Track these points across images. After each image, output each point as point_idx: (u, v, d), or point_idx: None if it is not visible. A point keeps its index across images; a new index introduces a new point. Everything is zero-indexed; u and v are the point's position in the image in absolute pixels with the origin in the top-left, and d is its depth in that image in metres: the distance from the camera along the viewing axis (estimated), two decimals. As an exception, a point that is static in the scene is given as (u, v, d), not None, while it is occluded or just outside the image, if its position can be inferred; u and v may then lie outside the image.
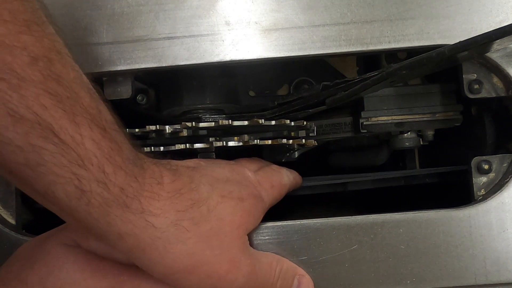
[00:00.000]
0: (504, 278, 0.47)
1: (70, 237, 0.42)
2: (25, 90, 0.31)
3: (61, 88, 0.33)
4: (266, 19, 0.49)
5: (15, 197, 0.51)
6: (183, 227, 0.38)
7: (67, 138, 0.33)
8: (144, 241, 0.37)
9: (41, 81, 0.32)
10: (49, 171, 0.33)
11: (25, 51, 0.32)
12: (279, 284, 0.44)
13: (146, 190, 0.37)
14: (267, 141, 0.50)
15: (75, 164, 0.33)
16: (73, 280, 0.40)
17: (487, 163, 0.50)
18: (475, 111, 0.56)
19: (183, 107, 0.57)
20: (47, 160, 0.32)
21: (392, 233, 0.47)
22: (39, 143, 0.32)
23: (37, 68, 0.32)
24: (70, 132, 0.33)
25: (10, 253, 0.48)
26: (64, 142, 0.33)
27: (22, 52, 0.32)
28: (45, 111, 0.32)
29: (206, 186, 0.41)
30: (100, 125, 0.35)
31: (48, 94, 0.32)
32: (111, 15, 0.49)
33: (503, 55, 0.48)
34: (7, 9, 0.31)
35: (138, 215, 0.36)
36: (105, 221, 0.35)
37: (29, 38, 0.32)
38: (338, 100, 0.50)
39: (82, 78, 0.36)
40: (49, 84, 0.33)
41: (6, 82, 0.31)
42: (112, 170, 0.35)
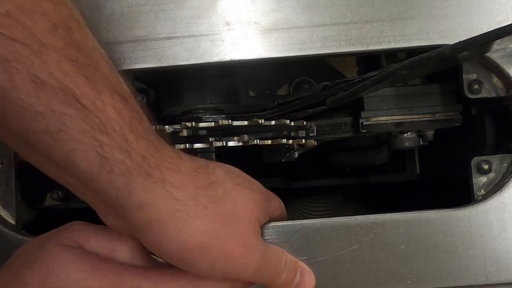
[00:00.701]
0: (504, 278, 0.47)
1: (71, 238, 0.42)
2: (46, 56, 0.31)
3: (81, 56, 0.33)
4: (266, 19, 0.49)
5: (15, 197, 0.51)
6: (202, 203, 0.37)
7: (89, 104, 0.32)
8: (163, 212, 0.36)
9: (62, 47, 0.32)
10: (70, 137, 0.32)
11: (46, 17, 0.32)
12: (284, 274, 0.44)
13: (167, 161, 0.36)
14: (267, 141, 0.50)
15: (97, 130, 0.33)
16: (73, 280, 0.40)
17: (487, 163, 0.50)
18: (475, 111, 0.56)
19: (183, 107, 0.57)
20: (69, 126, 0.32)
21: (392, 233, 0.47)
22: (61, 108, 0.32)
23: (58, 35, 0.32)
24: (92, 99, 0.32)
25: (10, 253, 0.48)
26: (86, 108, 0.32)
27: (42, 18, 0.31)
28: (67, 77, 0.32)
29: (221, 172, 0.41)
30: (120, 94, 0.35)
31: (69, 61, 0.32)
32: (111, 15, 0.49)
33: (503, 55, 0.48)
34: None
35: (160, 184, 0.35)
36: (126, 190, 0.35)
37: (48, 4, 0.32)
38: (338, 100, 0.50)
39: (100, 48, 0.36)
40: (69, 51, 0.32)
41: (28, 48, 0.31)
42: (134, 138, 0.34)
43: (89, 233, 0.43)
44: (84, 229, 0.43)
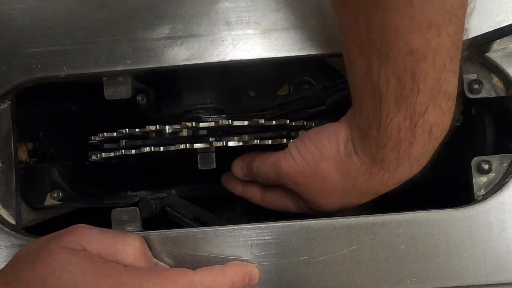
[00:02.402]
0: (504, 278, 0.47)
1: (74, 240, 0.42)
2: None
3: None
4: (266, 19, 0.49)
5: (15, 197, 0.51)
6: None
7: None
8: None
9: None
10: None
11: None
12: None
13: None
14: (267, 141, 0.50)
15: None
16: (75, 282, 0.40)
17: (487, 163, 0.50)
18: (475, 111, 0.56)
19: (183, 107, 0.57)
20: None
21: (392, 233, 0.47)
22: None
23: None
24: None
25: (10, 253, 0.48)
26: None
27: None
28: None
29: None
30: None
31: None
32: (111, 15, 0.49)
33: (503, 55, 0.48)
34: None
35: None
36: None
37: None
38: (338, 100, 0.50)
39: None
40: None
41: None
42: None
43: (92, 236, 0.43)
44: (88, 232, 0.44)
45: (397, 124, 0.39)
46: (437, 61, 0.37)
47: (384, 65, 0.37)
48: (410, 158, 0.41)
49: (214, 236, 0.47)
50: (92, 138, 0.53)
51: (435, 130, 0.40)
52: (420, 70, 0.37)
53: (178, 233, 0.47)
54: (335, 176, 0.44)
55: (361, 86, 0.40)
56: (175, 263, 0.47)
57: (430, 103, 0.39)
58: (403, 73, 0.37)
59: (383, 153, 0.41)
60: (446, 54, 0.37)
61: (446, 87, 0.38)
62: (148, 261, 0.45)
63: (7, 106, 0.51)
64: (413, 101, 0.38)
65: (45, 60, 0.49)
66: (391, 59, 0.37)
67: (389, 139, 0.40)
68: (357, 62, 0.39)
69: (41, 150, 0.60)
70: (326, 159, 0.44)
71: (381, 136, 0.41)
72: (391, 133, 0.40)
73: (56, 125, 0.62)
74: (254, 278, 0.46)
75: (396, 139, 0.40)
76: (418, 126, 0.39)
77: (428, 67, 0.37)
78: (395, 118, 0.39)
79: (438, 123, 0.40)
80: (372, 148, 0.42)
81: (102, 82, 0.50)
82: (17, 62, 0.49)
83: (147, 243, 0.46)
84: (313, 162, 0.44)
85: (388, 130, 0.40)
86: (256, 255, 0.47)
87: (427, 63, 0.37)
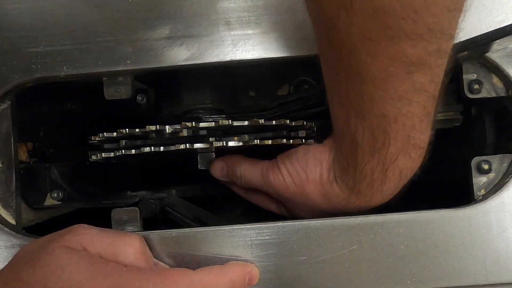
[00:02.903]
0: (504, 278, 0.47)
1: (75, 240, 0.42)
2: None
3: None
4: (266, 19, 0.49)
5: (15, 197, 0.51)
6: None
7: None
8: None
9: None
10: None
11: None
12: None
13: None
14: (267, 141, 0.50)
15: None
16: (75, 282, 0.40)
17: (487, 163, 0.50)
18: (475, 111, 0.56)
19: (183, 107, 0.57)
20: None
21: (392, 233, 0.47)
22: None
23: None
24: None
25: (10, 253, 0.48)
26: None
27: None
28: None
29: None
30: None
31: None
32: (111, 15, 0.49)
33: (503, 55, 0.48)
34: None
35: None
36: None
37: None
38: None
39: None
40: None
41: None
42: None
43: (93, 236, 0.43)
44: (88, 232, 0.44)
45: (370, 167, 0.44)
46: (407, 123, 0.41)
47: (360, 122, 0.42)
48: (382, 192, 0.46)
49: (214, 236, 0.47)
50: (92, 138, 0.53)
51: (404, 173, 0.45)
52: (391, 130, 0.41)
53: (178, 233, 0.47)
54: (318, 198, 0.48)
55: (341, 131, 0.45)
56: (175, 263, 0.47)
57: (400, 153, 0.43)
58: (376, 130, 0.42)
59: (359, 187, 0.46)
60: (416, 118, 0.41)
61: (416, 142, 0.43)
62: (148, 261, 0.45)
63: (7, 106, 0.51)
64: (385, 152, 0.43)
65: (45, 60, 0.49)
66: (367, 118, 0.41)
67: (364, 178, 0.45)
68: (338, 113, 0.44)
69: (41, 150, 0.60)
70: (311, 182, 0.48)
71: (357, 175, 0.45)
72: (366, 174, 0.45)
73: (56, 125, 0.62)
74: (254, 278, 0.46)
75: (370, 178, 0.45)
76: (389, 170, 0.44)
77: (398, 127, 0.41)
78: (369, 163, 0.44)
79: (407, 168, 0.45)
80: (350, 182, 0.46)
81: (102, 82, 0.50)
82: (17, 62, 0.49)
83: (147, 243, 0.46)
84: (300, 182, 0.48)
85: (363, 172, 0.44)
86: (256, 255, 0.47)
87: (398, 125, 0.41)
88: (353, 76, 0.39)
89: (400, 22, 0.35)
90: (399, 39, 0.36)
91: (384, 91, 0.39)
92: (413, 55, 0.36)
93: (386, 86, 0.39)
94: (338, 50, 0.38)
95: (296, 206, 0.51)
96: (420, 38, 0.36)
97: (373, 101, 0.40)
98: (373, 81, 0.38)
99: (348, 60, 0.38)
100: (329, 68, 0.42)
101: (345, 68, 0.39)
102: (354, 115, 0.42)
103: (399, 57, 0.37)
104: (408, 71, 0.38)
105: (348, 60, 0.38)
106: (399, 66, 0.37)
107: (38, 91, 0.51)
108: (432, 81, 0.39)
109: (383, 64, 0.37)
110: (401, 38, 0.35)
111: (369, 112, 0.41)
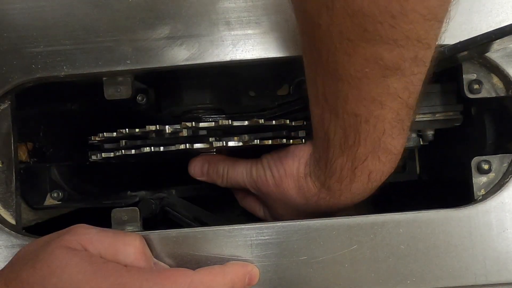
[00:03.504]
0: (504, 278, 0.47)
1: (75, 240, 0.42)
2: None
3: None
4: (266, 19, 0.49)
5: (15, 197, 0.51)
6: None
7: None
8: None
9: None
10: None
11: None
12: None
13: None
14: (267, 141, 0.50)
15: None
16: (76, 282, 0.40)
17: (487, 163, 0.50)
18: (475, 111, 0.56)
19: (183, 107, 0.57)
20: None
21: (392, 233, 0.47)
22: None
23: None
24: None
25: (10, 253, 0.48)
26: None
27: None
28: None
29: None
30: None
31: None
32: (111, 15, 0.49)
33: (503, 55, 0.48)
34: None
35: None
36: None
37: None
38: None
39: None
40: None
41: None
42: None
43: (92, 236, 0.43)
44: (88, 232, 0.44)
45: (340, 164, 0.46)
46: (378, 126, 0.42)
47: (334, 119, 0.43)
48: (351, 191, 0.47)
49: (214, 236, 0.47)
50: (92, 138, 0.53)
51: (373, 174, 0.46)
52: (362, 130, 0.43)
53: (178, 233, 0.47)
54: (293, 192, 0.50)
55: (316, 127, 0.47)
56: (175, 263, 0.47)
57: (370, 154, 0.44)
58: (348, 129, 0.43)
59: (329, 182, 0.47)
60: (388, 122, 0.42)
61: (387, 146, 0.44)
62: (148, 261, 0.45)
63: (7, 106, 0.51)
64: (355, 150, 0.44)
65: (45, 60, 0.49)
66: (339, 116, 0.43)
67: (334, 173, 0.46)
68: (313, 110, 0.46)
69: (41, 150, 0.60)
70: (289, 176, 0.50)
71: (327, 169, 0.47)
72: (335, 170, 0.46)
73: (56, 125, 0.62)
74: (254, 278, 0.46)
75: (339, 175, 0.46)
76: (358, 169, 0.45)
77: (369, 129, 0.43)
78: (339, 159, 0.45)
79: (377, 170, 0.46)
80: (321, 176, 0.48)
81: (102, 82, 0.50)
82: (17, 62, 0.49)
83: (147, 243, 0.46)
84: (278, 176, 0.50)
85: (333, 167, 0.46)
86: (256, 255, 0.47)
87: (369, 126, 0.42)
88: (330, 74, 0.40)
89: (377, 26, 0.35)
90: (375, 42, 0.36)
91: (358, 90, 0.40)
92: (388, 59, 0.37)
93: (360, 86, 0.40)
94: (318, 48, 0.39)
95: (274, 204, 0.53)
96: (396, 43, 0.37)
97: (347, 99, 0.41)
98: (348, 80, 0.39)
99: (327, 58, 0.39)
100: (309, 66, 0.43)
101: (323, 66, 0.40)
102: (329, 111, 0.43)
103: (375, 59, 0.38)
104: (383, 74, 0.39)
105: (327, 58, 0.39)
106: (374, 68, 0.38)
107: (38, 91, 0.51)
108: (406, 88, 0.40)
109: (359, 64, 0.38)
110: (378, 41, 0.36)
111: (343, 110, 0.42)
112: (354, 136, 0.43)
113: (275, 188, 0.51)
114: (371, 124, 0.42)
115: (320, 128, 0.45)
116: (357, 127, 0.42)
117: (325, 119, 0.44)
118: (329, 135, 0.44)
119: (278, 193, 0.51)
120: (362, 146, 0.44)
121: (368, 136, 0.43)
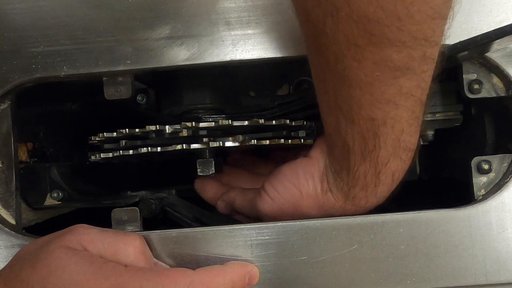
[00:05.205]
0: (504, 278, 0.47)
1: (75, 240, 0.42)
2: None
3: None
4: (266, 19, 0.49)
5: (15, 197, 0.51)
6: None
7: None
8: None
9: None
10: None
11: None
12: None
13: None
14: (266, 141, 0.50)
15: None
16: (75, 281, 0.40)
17: (487, 163, 0.50)
18: (475, 111, 0.56)
19: (183, 107, 0.57)
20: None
21: (392, 233, 0.47)
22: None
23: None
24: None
25: (10, 253, 0.48)
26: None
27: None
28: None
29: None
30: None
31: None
32: (111, 15, 0.49)
33: (503, 55, 0.48)
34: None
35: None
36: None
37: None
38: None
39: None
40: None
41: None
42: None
43: (92, 235, 0.43)
44: (88, 232, 0.44)
45: (363, 171, 0.45)
46: (396, 127, 0.42)
47: (350, 126, 0.42)
48: (376, 196, 0.46)
49: (214, 236, 0.47)
50: (92, 138, 0.53)
51: (396, 175, 0.45)
52: (381, 133, 0.42)
53: (178, 233, 0.47)
54: (314, 211, 0.48)
55: (332, 137, 0.45)
56: (175, 263, 0.47)
57: (391, 156, 0.44)
58: (366, 133, 0.42)
59: (353, 191, 0.46)
60: (405, 121, 0.42)
61: (406, 145, 0.44)
62: (148, 260, 0.45)
63: (7, 106, 0.51)
64: (376, 155, 0.43)
65: (45, 60, 0.49)
66: (356, 122, 0.42)
67: (358, 182, 0.45)
68: (328, 119, 0.45)
69: (41, 150, 0.60)
70: (306, 197, 0.48)
71: (350, 179, 0.46)
72: (359, 177, 0.45)
73: (56, 125, 0.62)
74: (254, 278, 0.46)
75: (364, 182, 0.45)
76: (382, 173, 0.45)
77: (388, 130, 0.42)
78: (362, 166, 0.44)
79: (399, 170, 0.45)
80: (344, 187, 0.46)
81: (102, 82, 0.50)
82: (17, 62, 0.49)
83: (147, 243, 0.46)
84: (293, 200, 0.48)
85: (356, 175, 0.45)
86: (256, 255, 0.47)
87: (387, 127, 0.42)
88: (341, 81, 0.40)
89: (384, 29, 0.35)
90: (383, 45, 0.36)
91: (371, 95, 0.40)
92: (398, 60, 0.37)
93: (372, 90, 0.39)
94: (325, 56, 0.39)
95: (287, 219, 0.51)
96: (404, 45, 0.36)
97: (361, 105, 0.40)
98: (360, 85, 0.39)
99: (335, 65, 0.39)
100: (317, 74, 0.43)
101: (333, 73, 0.40)
102: (344, 119, 0.42)
103: (384, 62, 0.37)
104: (394, 76, 0.38)
105: (335, 65, 0.39)
106: (385, 71, 0.38)
107: (38, 91, 0.51)
108: (418, 86, 0.40)
109: (369, 69, 0.38)
110: (386, 44, 0.36)
111: (358, 116, 0.41)
112: (374, 140, 0.43)
113: (292, 211, 0.49)
114: (389, 125, 0.42)
115: (338, 137, 0.44)
116: (375, 131, 0.42)
117: (341, 128, 0.43)
118: (348, 143, 0.44)
119: (296, 214, 0.49)
120: (383, 149, 0.43)
121: (387, 138, 0.42)
